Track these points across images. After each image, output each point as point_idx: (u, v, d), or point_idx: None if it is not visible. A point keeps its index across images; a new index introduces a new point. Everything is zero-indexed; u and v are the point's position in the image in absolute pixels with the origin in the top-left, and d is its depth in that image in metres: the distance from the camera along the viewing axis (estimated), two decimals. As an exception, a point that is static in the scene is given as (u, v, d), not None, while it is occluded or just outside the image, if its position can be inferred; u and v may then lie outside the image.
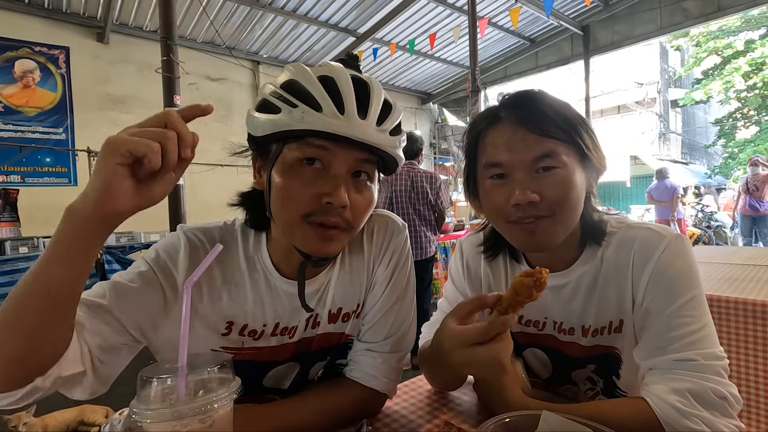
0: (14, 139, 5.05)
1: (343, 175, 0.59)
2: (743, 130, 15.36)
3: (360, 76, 0.61)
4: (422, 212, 3.00)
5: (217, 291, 0.67)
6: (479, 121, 0.71)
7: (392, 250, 0.77)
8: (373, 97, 0.60)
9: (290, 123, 0.56)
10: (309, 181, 0.59)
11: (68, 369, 0.53)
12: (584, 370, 0.76)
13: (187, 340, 0.46)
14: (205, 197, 6.33)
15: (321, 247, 0.61)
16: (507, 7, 6.36)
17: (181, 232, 0.68)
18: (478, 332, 0.54)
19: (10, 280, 4.00)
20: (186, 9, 5.44)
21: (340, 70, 0.60)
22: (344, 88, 0.58)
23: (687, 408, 0.55)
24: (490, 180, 0.69)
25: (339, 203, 0.58)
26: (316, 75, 0.58)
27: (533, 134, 0.64)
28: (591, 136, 0.67)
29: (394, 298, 0.76)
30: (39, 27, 5.23)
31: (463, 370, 0.61)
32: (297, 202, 0.59)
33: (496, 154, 0.67)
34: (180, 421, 0.43)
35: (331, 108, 0.56)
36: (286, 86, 0.59)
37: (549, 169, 0.64)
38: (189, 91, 6.10)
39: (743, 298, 1.14)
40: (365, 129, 0.57)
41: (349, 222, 0.61)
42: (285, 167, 0.60)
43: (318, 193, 0.58)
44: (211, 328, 0.67)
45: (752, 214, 6.01)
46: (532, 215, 0.64)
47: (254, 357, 0.70)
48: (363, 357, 0.74)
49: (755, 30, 13.96)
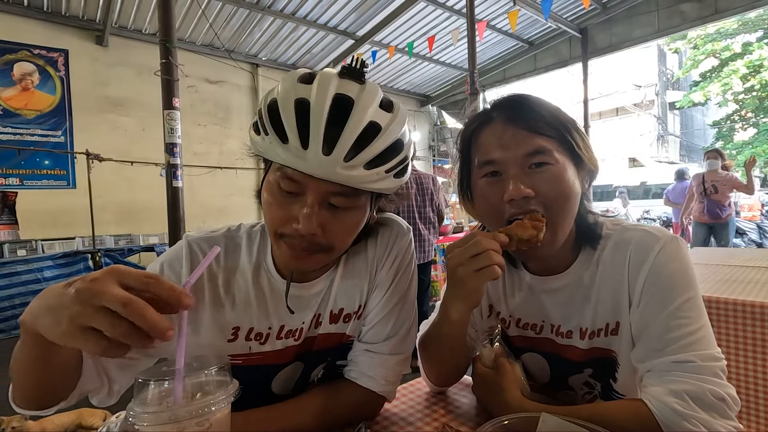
0: (13, 141, 5.05)
1: (315, 203, 0.58)
2: (741, 132, 15.41)
3: (346, 94, 0.56)
4: (427, 214, 2.99)
5: (221, 299, 0.68)
6: (471, 122, 0.72)
7: (396, 252, 0.77)
8: (348, 127, 0.55)
9: (265, 150, 0.59)
10: (283, 204, 0.60)
11: (87, 386, 0.59)
12: (581, 375, 0.76)
13: (184, 341, 0.46)
14: (204, 200, 6.34)
15: (294, 264, 0.63)
16: (505, 10, 6.38)
17: (185, 242, 0.69)
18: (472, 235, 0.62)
19: (9, 283, 3.99)
20: (185, 12, 5.45)
21: (320, 92, 0.55)
22: (315, 118, 0.54)
23: (685, 410, 0.55)
24: (483, 179, 0.69)
25: (306, 232, 0.57)
26: (296, 96, 0.56)
27: (524, 131, 0.65)
28: (582, 137, 0.68)
29: (395, 300, 0.76)
30: (38, 30, 5.24)
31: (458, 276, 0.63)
32: (273, 219, 0.61)
33: (489, 152, 0.67)
34: (177, 424, 0.43)
35: (296, 141, 0.54)
36: (269, 107, 0.58)
37: (541, 165, 0.65)
38: (188, 93, 6.13)
39: (742, 299, 1.14)
40: (329, 167, 0.55)
41: (322, 245, 0.61)
42: (268, 184, 0.62)
43: (289, 217, 0.59)
44: (216, 335, 0.67)
45: (710, 222, 4.77)
46: (527, 210, 0.64)
47: (261, 362, 0.71)
48: (362, 357, 0.75)
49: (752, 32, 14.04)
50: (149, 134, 5.75)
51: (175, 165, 3.40)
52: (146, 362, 0.65)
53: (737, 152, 14.29)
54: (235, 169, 6.30)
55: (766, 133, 14.04)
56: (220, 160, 6.63)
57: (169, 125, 3.35)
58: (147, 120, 5.85)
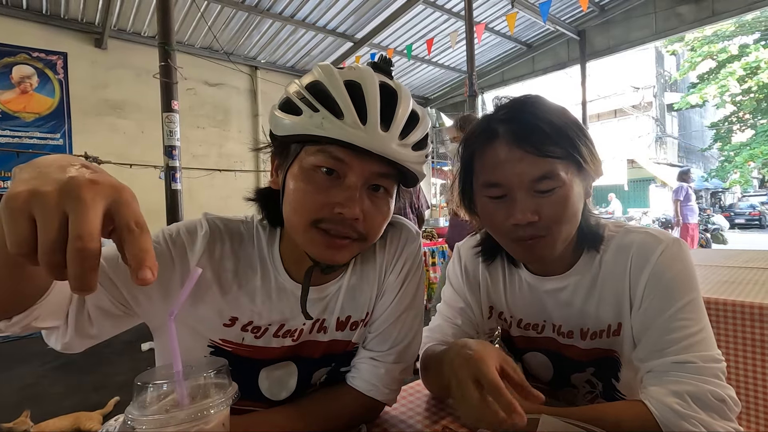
0: (12, 144, 5.05)
1: (359, 186, 0.57)
2: (739, 134, 15.47)
3: (389, 83, 0.59)
4: (406, 215, 3.02)
5: (228, 283, 0.66)
6: (474, 136, 0.70)
7: (405, 258, 0.75)
8: (400, 108, 0.57)
9: (309, 128, 0.55)
10: (323, 188, 0.57)
11: (46, 316, 0.50)
12: (584, 373, 0.76)
13: (176, 343, 0.46)
14: (203, 202, 6.33)
15: (328, 254, 0.60)
16: (504, 13, 6.40)
17: (204, 218, 0.68)
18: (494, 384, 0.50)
19: (7, 286, 3.97)
20: (184, 14, 5.46)
21: (369, 76, 0.57)
22: (369, 96, 0.55)
23: (685, 410, 0.55)
24: (487, 198, 0.68)
25: (351, 216, 0.56)
26: (343, 79, 0.56)
27: (532, 155, 0.63)
28: (588, 146, 0.66)
29: (402, 307, 0.74)
30: (37, 33, 5.24)
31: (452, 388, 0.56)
32: (308, 207, 0.57)
33: (494, 175, 0.65)
34: (176, 427, 0.42)
35: (353, 116, 0.54)
36: (311, 87, 0.56)
37: (548, 189, 0.63)
38: (187, 96, 6.12)
39: (741, 300, 1.14)
40: (386, 142, 0.55)
41: (361, 233, 0.59)
42: (301, 171, 0.58)
43: (330, 203, 0.56)
44: (214, 316, 0.65)
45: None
46: (531, 234, 0.64)
47: (252, 355, 0.69)
48: (365, 365, 0.73)
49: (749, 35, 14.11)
50: (148, 137, 5.74)
51: (174, 167, 3.40)
52: (127, 320, 0.61)
53: (735, 153, 14.34)
54: (234, 172, 6.30)
55: (763, 135, 14.10)
56: (219, 162, 6.63)
57: (168, 128, 3.35)
58: (146, 122, 5.84)
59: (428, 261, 4.22)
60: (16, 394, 2.77)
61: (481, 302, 0.84)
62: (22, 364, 3.31)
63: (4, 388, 2.88)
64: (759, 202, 16.30)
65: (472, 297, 0.84)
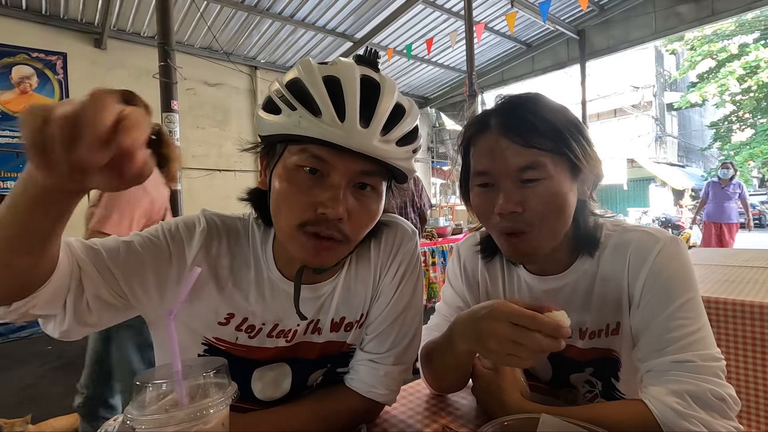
0: (11, 144, 5.04)
1: (343, 186, 0.56)
2: (738, 133, 15.47)
3: (372, 76, 0.58)
4: (408, 215, 3.00)
5: (224, 280, 0.66)
6: (470, 126, 0.72)
7: (400, 258, 0.74)
8: (382, 102, 0.56)
9: (289, 127, 0.54)
10: (306, 188, 0.56)
11: (48, 303, 0.52)
12: (583, 373, 0.76)
13: (176, 344, 0.46)
14: (203, 202, 6.31)
15: (314, 258, 0.59)
16: (503, 12, 6.39)
17: (202, 214, 0.68)
18: (530, 316, 0.54)
19: (6, 287, 3.97)
20: (184, 15, 5.45)
21: (349, 70, 0.56)
22: (348, 92, 0.54)
23: (685, 409, 0.55)
24: (477, 187, 0.69)
25: (334, 216, 0.55)
26: (322, 74, 0.55)
27: (518, 144, 0.63)
28: (584, 145, 0.65)
29: (399, 308, 0.73)
30: (36, 33, 5.23)
31: (486, 342, 0.56)
32: (292, 209, 0.57)
33: (482, 163, 0.67)
34: (175, 427, 0.42)
35: (331, 114, 0.52)
36: (290, 85, 0.56)
37: (535, 180, 0.63)
38: (186, 96, 6.11)
39: (741, 299, 1.14)
40: (366, 139, 0.53)
41: (345, 234, 0.58)
42: (285, 171, 0.58)
43: (314, 202, 0.56)
44: (209, 312, 0.65)
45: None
46: (515, 228, 0.65)
47: (245, 355, 0.69)
48: (364, 367, 0.73)
49: (749, 34, 14.11)
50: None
51: (173, 167, 3.40)
52: (125, 311, 0.62)
53: (735, 153, 14.34)
54: (233, 172, 6.29)
55: (763, 134, 14.10)
56: (219, 162, 6.62)
57: (167, 128, 3.35)
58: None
59: (428, 261, 4.22)
60: (16, 395, 2.77)
61: (480, 301, 0.83)
62: (22, 364, 3.31)
63: (4, 388, 2.88)
64: (759, 201, 16.30)
65: (471, 296, 0.84)
